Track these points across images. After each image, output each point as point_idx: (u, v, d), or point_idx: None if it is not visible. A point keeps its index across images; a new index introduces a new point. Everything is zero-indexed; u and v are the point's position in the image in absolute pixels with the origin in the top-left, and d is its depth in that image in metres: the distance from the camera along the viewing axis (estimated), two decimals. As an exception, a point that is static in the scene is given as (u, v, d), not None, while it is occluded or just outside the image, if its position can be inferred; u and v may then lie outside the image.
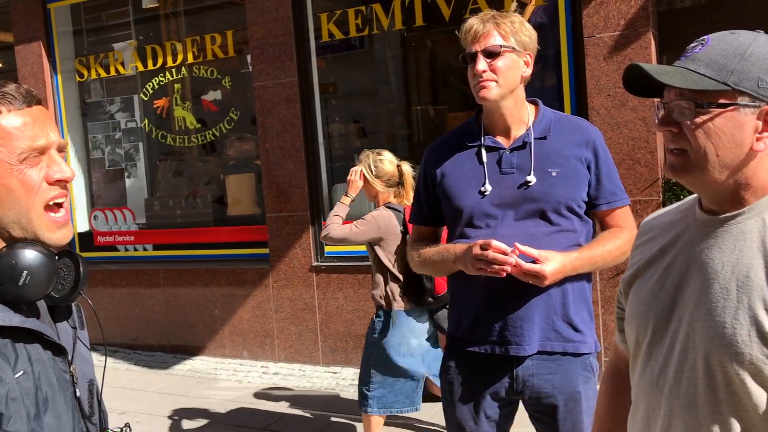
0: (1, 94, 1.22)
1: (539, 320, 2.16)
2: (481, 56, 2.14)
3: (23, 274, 1.19)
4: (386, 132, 6.60)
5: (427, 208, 2.38)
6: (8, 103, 1.22)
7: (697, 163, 1.22)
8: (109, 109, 7.09)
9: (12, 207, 1.21)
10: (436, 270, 2.40)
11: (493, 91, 2.15)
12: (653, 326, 1.33)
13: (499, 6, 5.26)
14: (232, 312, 6.23)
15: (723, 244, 1.25)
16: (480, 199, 2.19)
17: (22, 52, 7.06)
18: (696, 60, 1.22)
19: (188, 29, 6.83)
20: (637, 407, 1.38)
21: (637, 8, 4.63)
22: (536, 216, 2.17)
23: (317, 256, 5.89)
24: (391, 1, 5.62)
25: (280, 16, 5.79)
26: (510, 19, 2.18)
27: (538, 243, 2.11)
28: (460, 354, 2.29)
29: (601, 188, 2.23)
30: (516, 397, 2.26)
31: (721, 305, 1.21)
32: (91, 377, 1.37)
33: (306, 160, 5.82)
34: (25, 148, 1.21)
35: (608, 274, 4.82)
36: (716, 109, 1.19)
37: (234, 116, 6.49)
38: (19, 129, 1.21)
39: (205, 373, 5.97)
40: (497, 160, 2.21)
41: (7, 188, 1.20)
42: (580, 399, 2.20)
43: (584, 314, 2.24)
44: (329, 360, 5.86)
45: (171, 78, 6.70)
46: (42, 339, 1.22)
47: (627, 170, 4.71)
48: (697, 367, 1.23)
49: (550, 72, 5.20)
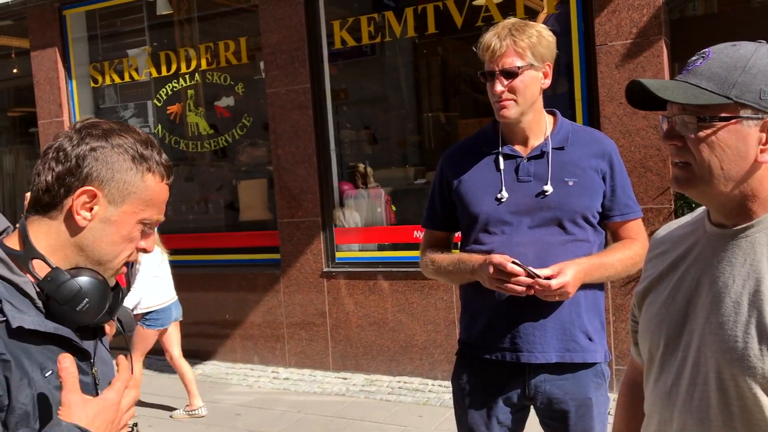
0: (165, 166, 1.34)
1: (552, 329, 2.17)
2: (500, 76, 2.15)
3: (84, 301, 1.26)
4: (397, 138, 6.63)
5: (441, 213, 2.39)
6: (167, 176, 1.35)
7: (702, 177, 1.22)
8: (122, 114, 7.15)
9: (111, 250, 1.32)
10: (451, 279, 2.40)
11: (512, 111, 2.17)
12: (665, 339, 1.33)
13: (511, 14, 5.29)
14: (243, 317, 6.26)
15: (733, 257, 1.24)
16: (497, 206, 2.21)
17: (38, 58, 7.13)
18: (697, 74, 1.22)
19: (202, 36, 6.89)
20: (651, 420, 1.38)
21: (649, 17, 4.64)
22: (552, 224, 2.18)
23: (328, 262, 5.91)
24: (404, 9, 5.65)
25: (293, 23, 5.83)
26: (527, 33, 2.16)
27: (553, 251, 2.13)
28: (472, 360, 2.30)
29: (616, 200, 2.25)
30: (528, 402, 2.26)
31: (732, 319, 1.20)
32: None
33: (318, 166, 5.85)
34: (154, 218, 1.34)
35: (619, 283, 4.81)
36: (719, 122, 1.19)
37: (246, 122, 6.53)
38: (160, 201, 1.35)
39: (216, 378, 5.99)
40: (515, 168, 2.23)
41: (120, 236, 1.31)
42: (592, 405, 2.21)
43: (596, 323, 2.25)
44: (339, 366, 5.87)
45: (184, 84, 6.75)
46: (69, 344, 1.28)
47: (639, 178, 4.71)
48: (709, 380, 1.23)
49: (562, 80, 5.21)
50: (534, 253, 2.14)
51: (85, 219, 1.27)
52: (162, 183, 1.33)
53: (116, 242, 1.31)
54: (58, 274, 1.25)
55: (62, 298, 1.25)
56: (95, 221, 1.28)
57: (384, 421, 4.77)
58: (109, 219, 1.29)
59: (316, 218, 5.88)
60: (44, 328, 1.22)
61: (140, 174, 1.29)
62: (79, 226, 1.27)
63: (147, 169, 1.30)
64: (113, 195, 1.28)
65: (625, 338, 4.82)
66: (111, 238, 1.30)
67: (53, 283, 1.24)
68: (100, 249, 1.30)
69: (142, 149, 1.30)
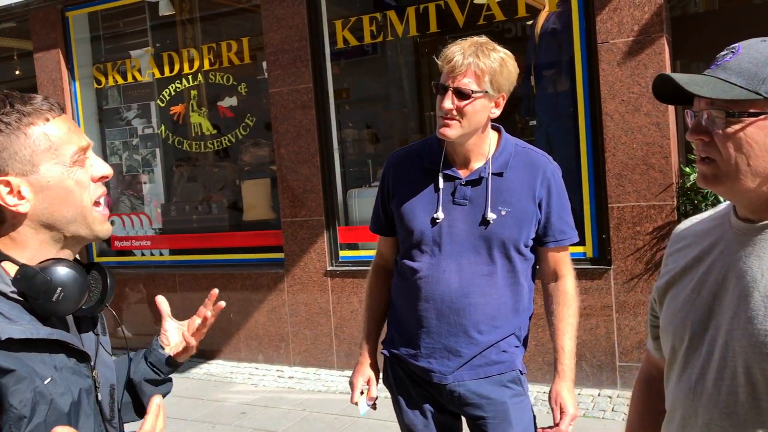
0: (41, 105, 1.29)
1: (468, 356, 2.21)
2: (452, 94, 2.10)
3: (57, 290, 1.24)
4: (399, 137, 6.64)
5: (384, 218, 2.40)
6: (51, 112, 1.29)
7: (728, 173, 1.21)
8: (126, 115, 7.17)
9: (71, 207, 1.29)
10: None
11: (453, 132, 2.12)
12: (690, 334, 1.32)
13: (512, 11, 5.30)
14: (247, 316, 6.28)
15: (762, 252, 1.23)
16: (431, 227, 2.21)
17: (41, 60, 7.16)
18: (727, 69, 1.21)
19: (204, 36, 6.91)
20: (673, 415, 1.37)
21: (650, 14, 4.65)
22: (481, 252, 2.18)
23: (332, 261, 5.93)
24: (405, 8, 5.66)
25: (295, 23, 5.85)
26: (491, 59, 2.09)
27: (477, 281, 2.17)
28: (395, 362, 2.37)
29: (551, 226, 2.23)
30: (449, 406, 2.31)
31: (762, 313, 1.19)
32: (112, 382, 1.42)
33: (321, 166, 5.87)
34: (76, 150, 1.29)
35: (623, 279, 4.83)
36: (747, 118, 1.18)
37: (249, 122, 6.55)
38: (66, 134, 1.30)
39: (221, 377, 6.01)
40: (452, 191, 2.21)
41: (66, 189, 1.28)
42: (508, 410, 2.24)
43: (512, 339, 2.27)
44: (344, 364, 5.89)
45: (187, 84, 6.77)
46: (67, 348, 1.28)
47: (641, 175, 4.72)
48: (737, 375, 1.22)
49: (564, 77, 5.22)
50: (458, 282, 2.18)
51: (21, 203, 1.25)
52: (49, 122, 1.28)
53: (67, 197, 1.28)
54: (25, 269, 1.24)
55: (35, 292, 1.23)
56: (34, 198, 1.26)
57: (389, 418, 4.78)
58: (41, 187, 1.26)
59: (319, 217, 5.89)
60: (36, 335, 1.21)
61: (21, 134, 1.25)
62: (21, 212, 1.26)
63: (23, 125, 1.25)
64: (22, 168, 1.25)
65: (628, 335, 4.84)
66: (60, 197, 1.28)
67: (24, 280, 1.23)
68: (61, 213, 1.28)
69: (3, 117, 1.25)
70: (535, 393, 4.83)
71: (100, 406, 1.36)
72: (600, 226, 4.96)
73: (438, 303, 2.20)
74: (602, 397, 4.83)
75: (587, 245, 5.02)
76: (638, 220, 4.78)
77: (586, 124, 4.97)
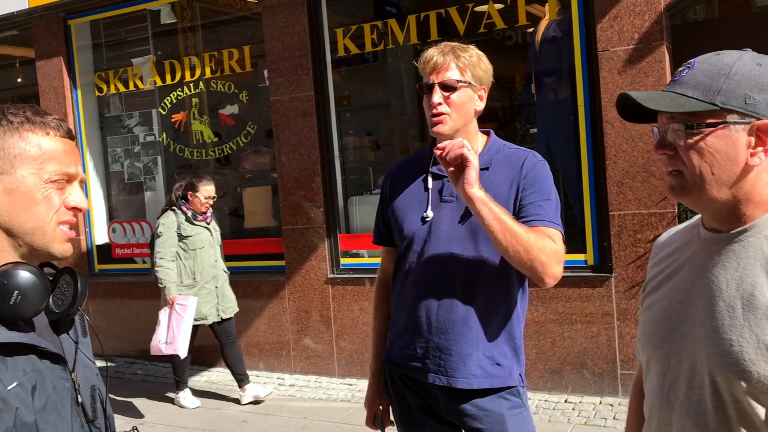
0: (49, 121, 1.33)
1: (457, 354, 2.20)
2: (438, 89, 2.18)
3: (14, 293, 1.25)
4: (400, 144, 6.66)
5: (384, 229, 2.45)
6: (54, 129, 1.33)
7: (694, 183, 1.25)
8: (127, 123, 7.19)
9: (32, 218, 1.30)
10: None
11: (446, 126, 2.19)
12: (661, 343, 1.36)
13: (513, 20, 5.32)
14: (248, 324, 6.27)
15: (727, 261, 1.27)
16: (420, 225, 2.25)
17: (43, 68, 7.18)
18: (683, 83, 1.26)
19: (206, 44, 6.93)
20: (650, 422, 1.40)
21: (650, 22, 4.66)
22: (467, 247, 2.19)
23: (333, 268, 5.93)
24: (406, 16, 5.68)
25: (296, 31, 5.87)
26: (469, 53, 2.21)
27: (465, 276, 2.18)
28: (393, 370, 2.39)
29: (524, 208, 2.15)
30: (446, 417, 2.30)
31: (727, 323, 1.22)
32: (93, 383, 1.43)
33: (322, 173, 5.88)
34: (57, 170, 1.31)
35: (624, 287, 4.83)
36: (706, 128, 1.22)
37: (251, 130, 6.56)
38: (57, 153, 1.32)
39: (222, 385, 6.00)
40: (440, 188, 2.26)
41: (32, 200, 1.29)
42: (506, 422, 2.22)
43: (505, 348, 2.24)
44: (345, 372, 5.89)
45: (189, 92, 6.79)
46: (36, 350, 1.28)
47: (642, 183, 4.73)
48: (704, 384, 1.25)
49: (565, 85, 5.23)
50: (446, 278, 2.20)
51: None
52: (51, 137, 1.31)
53: (31, 207, 1.29)
54: None
55: None
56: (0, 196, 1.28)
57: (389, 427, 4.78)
58: (10, 189, 1.28)
59: (320, 225, 5.90)
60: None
61: (17, 135, 1.28)
62: None
63: (24, 129, 1.29)
64: (2, 165, 1.27)
65: (630, 342, 4.83)
66: (23, 205, 1.29)
67: None
68: (20, 221, 1.29)
69: (10, 116, 1.29)
70: (536, 401, 4.83)
71: (83, 407, 1.37)
72: (601, 234, 4.96)
73: (428, 301, 2.22)
74: (603, 405, 4.82)
75: (588, 253, 5.02)
76: (639, 227, 4.78)
77: (586, 132, 4.98)
